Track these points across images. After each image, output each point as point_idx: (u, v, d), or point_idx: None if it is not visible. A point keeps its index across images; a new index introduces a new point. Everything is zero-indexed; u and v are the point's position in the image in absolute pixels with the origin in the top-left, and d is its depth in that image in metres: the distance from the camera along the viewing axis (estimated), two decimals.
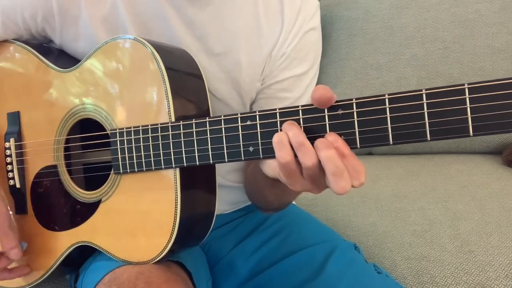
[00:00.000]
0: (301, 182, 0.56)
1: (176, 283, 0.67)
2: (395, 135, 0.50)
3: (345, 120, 0.53)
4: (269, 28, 0.80)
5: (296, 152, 0.54)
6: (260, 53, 0.81)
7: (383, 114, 0.50)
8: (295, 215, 0.97)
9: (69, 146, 0.80)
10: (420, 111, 0.49)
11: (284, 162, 0.54)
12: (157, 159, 0.67)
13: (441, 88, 0.48)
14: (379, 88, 1.58)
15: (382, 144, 0.51)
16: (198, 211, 0.71)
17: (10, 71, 0.85)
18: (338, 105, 0.53)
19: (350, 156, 0.52)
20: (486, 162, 1.41)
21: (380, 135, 0.51)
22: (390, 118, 0.50)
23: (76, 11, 0.78)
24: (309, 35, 0.83)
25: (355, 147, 0.53)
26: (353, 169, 0.52)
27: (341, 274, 0.79)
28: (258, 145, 0.58)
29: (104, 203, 0.74)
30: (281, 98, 0.83)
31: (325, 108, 0.54)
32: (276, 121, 0.57)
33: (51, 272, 0.79)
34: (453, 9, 1.52)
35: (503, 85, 0.45)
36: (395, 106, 0.50)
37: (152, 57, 0.68)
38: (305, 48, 0.83)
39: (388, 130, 0.50)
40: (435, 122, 0.48)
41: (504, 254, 0.96)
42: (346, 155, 0.52)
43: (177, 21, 0.77)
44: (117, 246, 0.72)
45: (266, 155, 0.58)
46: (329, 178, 0.53)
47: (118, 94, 0.72)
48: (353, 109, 0.52)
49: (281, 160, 0.55)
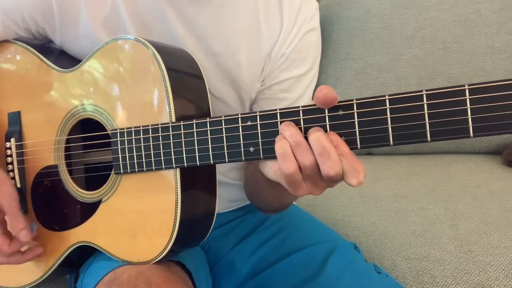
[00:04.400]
0: (302, 187, 0.57)
1: (176, 283, 0.67)
2: (396, 136, 0.50)
3: (346, 121, 0.53)
4: (269, 28, 0.81)
5: (294, 151, 0.54)
6: (260, 53, 0.81)
7: (383, 115, 0.50)
8: (295, 215, 0.97)
9: (69, 146, 0.80)
10: (421, 112, 0.49)
11: (289, 173, 0.55)
12: (157, 159, 0.67)
13: (441, 89, 0.48)
14: (379, 88, 1.58)
15: (383, 144, 0.51)
16: (199, 211, 0.71)
17: (11, 71, 0.85)
18: (339, 106, 0.53)
19: (349, 155, 0.52)
20: (486, 162, 1.41)
21: (380, 135, 0.51)
22: (391, 119, 0.50)
23: (76, 12, 0.78)
24: (308, 36, 0.83)
25: (355, 147, 0.53)
26: (353, 168, 0.52)
27: (341, 274, 0.79)
28: (259, 145, 0.58)
29: (105, 203, 0.74)
30: (281, 98, 0.84)
31: (326, 109, 0.54)
32: (276, 121, 0.57)
33: (51, 272, 0.79)
34: (453, 9, 1.52)
35: (504, 86, 0.45)
36: (396, 107, 0.50)
37: (153, 58, 0.68)
38: (305, 49, 0.83)
39: (389, 130, 0.50)
40: (435, 123, 0.48)
41: (504, 254, 0.96)
42: (345, 153, 0.52)
43: (177, 21, 0.77)
44: (117, 246, 0.72)
45: (267, 156, 0.58)
46: (318, 159, 0.53)
47: (119, 94, 0.72)
48: (354, 109, 0.52)
49: (286, 172, 0.55)
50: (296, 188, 0.57)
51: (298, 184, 0.56)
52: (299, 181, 0.56)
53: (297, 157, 0.54)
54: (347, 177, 0.53)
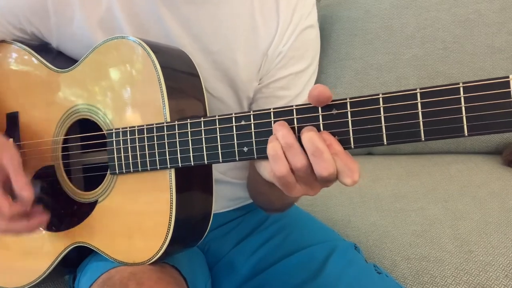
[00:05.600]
0: (296, 189, 0.56)
1: (169, 285, 0.66)
2: (389, 135, 0.50)
3: (339, 120, 0.52)
4: (265, 26, 0.80)
5: (285, 153, 0.54)
6: (257, 52, 0.81)
7: (377, 114, 0.50)
8: (295, 215, 0.96)
9: (66, 147, 0.80)
10: (414, 110, 0.48)
11: (280, 175, 0.54)
12: (152, 159, 0.67)
13: (435, 87, 0.47)
14: (379, 88, 1.57)
15: (376, 144, 0.50)
16: (194, 212, 0.71)
17: (8, 72, 0.86)
18: (332, 105, 0.53)
19: (342, 154, 0.52)
20: (486, 162, 1.40)
21: (374, 135, 0.51)
22: (384, 118, 0.50)
23: (71, 12, 0.78)
24: (306, 33, 0.82)
25: (349, 147, 0.52)
26: (347, 167, 0.52)
27: (341, 274, 0.79)
28: (252, 145, 0.58)
29: (101, 204, 0.74)
30: (279, 96, 0.83)
31: (319, 108, 0.53)
32: (270, 121, 0.57)
33: (49, 272, 0.79)
34: (453, 9, 1.51)
35: (498, 84, 0.45)
36: (389, 105, 0.49)
37: (148, 57, 0.68)
38: (303, 46, 0.83)
39: (382, 130, 0.50)
40: (429, 121, 0.48)
41: (504, 254, 0.95)
42: (338, 153, 0.52)
43: (173, 21, 0.77)
44: (113, 247, 0.72)
45: (260, 155, 0.58)
46: (311, 159, 0.52)
47: (114, 94, 0.72)
48: (347, 108, 0.52)
49: (277, 174, 0.54)
50: (290, 190, 0.56)
51: (291, 185, 0.56)
52: (291, 183, 0.55)
53: (289, 159, 0.54)
54: (341, 176, 0.52)
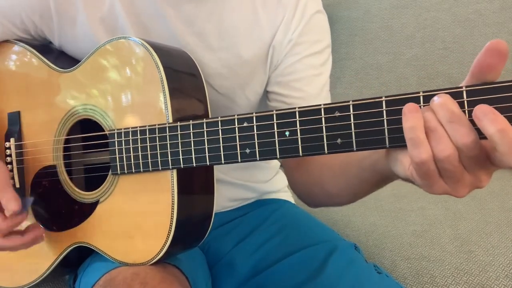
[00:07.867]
0: (439, 183, 0.48)
1: (172, 284, 0.67)
2: (392, 138, 0.50)
3: (342, 123, 0.52)
4: (268, 19, 0.80)
5: (428, 139, 0.46)
6: (261, 46, 0.81)
7: (380, 117, 0.50)
8: (295, 215, 0.97)
9: (68, 147, 0.80)
10: None
11: (419, 161, 0.46)
12: (154, 160, 0.67)
13: (439, 91, 0.47)
14: (379, 88, 1.57)
15: (379, 147, 0.50)
16: (196, 213, 0.71)
17: (11, 71, 0.86)
18: (335, 107, 0.53)
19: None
20: None
21: (376, 138, 0.50)
22: (387, 121, 0.50)
23: (74, 12, 0.78)
24: (315, 18, 0.82)
25: (351, 150, 0.52)
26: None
27: (341, 274, 0.79)
28: (255, 146, 0.58)
29: (102, 204, 0.74)
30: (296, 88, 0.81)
31: (322, 110, 0.53)
32: (273, 123, 0.57)
33: (49, 272, 0.79)
34: (453, 9, 1.51)
35: (501, 87, 0.45)
36: (392, 108, 0.49)
37: (151, 58, 0.68)
38: (312, 30, 0.82)
39: (385, 133, 0.50)
40: None
41: (504, 254, 0.95)
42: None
43: (176, 19, 0.77)
44: (114, 247, 0.72)
45: (263, 157, 0.58)
46: (446, 128, 0.44)
47: (117, 94, 0.72)
48: (350, 111, 0.52)
49: (416, 159, 0.46)
50: (431, 183, 0.48)
51: (432, 175, 0.47)
52: (433, 171, 0.47)
53: (431, 145, 0.46)
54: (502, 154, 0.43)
